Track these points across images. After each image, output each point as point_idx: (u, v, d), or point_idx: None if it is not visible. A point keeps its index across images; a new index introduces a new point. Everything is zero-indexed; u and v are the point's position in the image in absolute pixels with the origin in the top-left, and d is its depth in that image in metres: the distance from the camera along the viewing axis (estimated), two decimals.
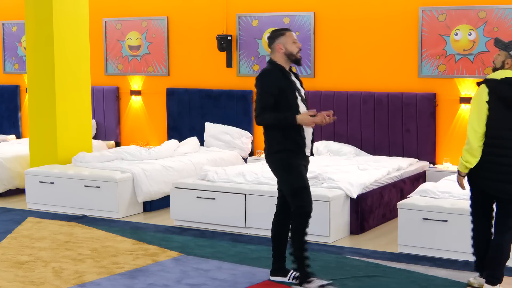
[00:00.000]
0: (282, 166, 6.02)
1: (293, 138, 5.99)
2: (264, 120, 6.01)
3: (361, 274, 6.39)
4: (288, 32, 6.14)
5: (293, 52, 6.10)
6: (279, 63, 6.10)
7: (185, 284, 6.18)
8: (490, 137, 5.66)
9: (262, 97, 5.99)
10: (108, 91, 11.82)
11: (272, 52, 6.17)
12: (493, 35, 9.19)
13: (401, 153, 9.76)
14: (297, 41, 6.16)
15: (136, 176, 8.95)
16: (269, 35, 6.21)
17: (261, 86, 6.03)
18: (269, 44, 6.20)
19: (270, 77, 6.03)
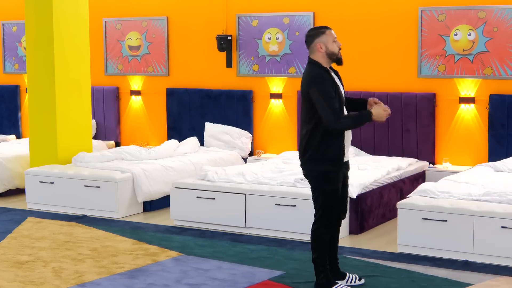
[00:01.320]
0: (320, 177, 5.82)
1: (335, 147, 5.78)
2: (343, 125, 5.73)
3: (360, 274, 6.36)
4: (328, 31, 5.86)
5: (334, 51, 5.84)
6: (320, 63, 5.85)
7: (185, 284, 6.18)
8: None
9: (328, 102, 5.67)
10: (108, 91, 11.84)
11: (311, 52, 5.89)
12: (493, 35, 9.23)
13: (400, 153, 9.79)
14: (336, 39, 5.90)
15: (136, 176, 8.96)
16: (308, 33, 5.94)
17: (321, 90, 5.70)
18: (307, 43, 5.91)
19: (326, 80, 5.76)
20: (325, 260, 5.90)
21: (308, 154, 5.84)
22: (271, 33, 10.59)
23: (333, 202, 5.84)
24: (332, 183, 5.81)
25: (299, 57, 10.40)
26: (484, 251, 6.82)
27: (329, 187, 5.81)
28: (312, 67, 5.86)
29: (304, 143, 5.87)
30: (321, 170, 5.80)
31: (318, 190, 5.87)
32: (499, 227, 6.74)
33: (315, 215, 5.92)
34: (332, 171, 5.80)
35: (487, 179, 7.94)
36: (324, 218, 5.85)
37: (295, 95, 10.48)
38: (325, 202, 5.83)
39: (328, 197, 5.82)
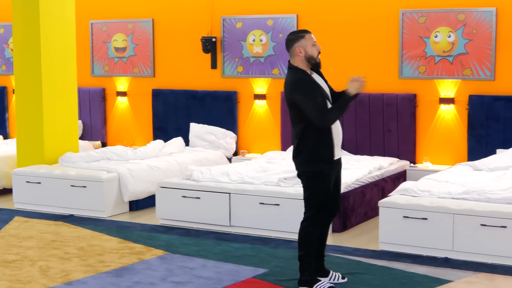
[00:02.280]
0: (313, 177, 5.84)
1: (326, 146, 5.81)
2: (332, 118, 5.76)
3: (343, 271, 6.39)
4: (308, 35, 5.85)
5: (313, 55, 5.83)
6: (300, 68, 5.86)
7: (170, 282, 6.20)
8: None
9: (311, 101, 5.72)
10: (94, 92, 11.87)
11: (291, 56, 5.88)
12: (472, 37, 9.33)
13: (382, 153, 9.85)
14: (316, 43, 5.89)
15: (122, 175, 8.99)
16: (288, 37, 5.91)
17: (302, 93, 5.74)
18: (287, 47, 5.89)
19: (306, 82, 5.79)
20: (311, 257, 5.93)
21: (301, 156, 5.87)
22: (255, 35, 10.66)
23: (325, 200, 5.87)
24: (325, 182, 5.85)
25: (282, 58, 10.46)
26: (463, 248, 6.87)
27: (322, 186, 5.84)
28: (292, 73, 5.88)
29: (295, 145, 5.90)
30: (314, 170, 5.83)
31: (310, 189, 5.88)
32: (478, 225, 6.79)
33: (306, 213, 5.94)
34: (325, 169, 5.83)
35: (466, 178, 7.98)
36: (315, 216, 5.88)
37: (279, 96, 10.54)
38: (317, 201, 5.86)
39: (320, 195, 5.85)
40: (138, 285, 6.13)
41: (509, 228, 6.68)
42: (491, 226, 6.75)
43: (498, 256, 6.75)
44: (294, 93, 5.78)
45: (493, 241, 6.76)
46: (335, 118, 5.83)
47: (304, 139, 5.83)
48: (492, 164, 8.64)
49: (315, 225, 5.90)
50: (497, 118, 9.25)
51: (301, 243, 5.92)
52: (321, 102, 5.78)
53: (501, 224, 6.72)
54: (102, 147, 11.06)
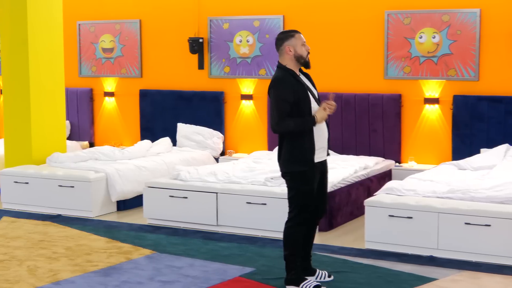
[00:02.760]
0: (296, 178, 5.88)
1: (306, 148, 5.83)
2: (284, 127, 5.78)
3: (329, 269, 6.40)
4: (297, 34, 5.91)
5: (302, 55, 5.88)
6: (288, 67, 5.90)
7: (158, 281, 6.21)
8: None
9: (278, 105, 5.77)
10: (82, 93, 11.89)
11: (280, 55, 5.94)
12: (456, 38, 9.40)
13: (368, 152, 9.90)
14: (305, 43, 5.95)
15: (110, 175, 9.00)
16: (278, 36, 5.97)
17: (276, 93, 5.79)
18: (277, 46, 5.95)
19: (285, 84, 5.79)
20: (296, 257, 5.95)
21: (283, 156, 5.91)
22: (242, 35, 10.70)
23: (308, 201, 5.90)
24: (308, 183, 5.87)
25: (269, 59, 10.51)
26: (448, 246, 6.92)
27: (305, 186, 5.86)
28: (279, 71, 5.93)
29: (279, 145, 5.95)
30: (297, 171, 5.86)
31: (294, 190, 5.91)
32: (463, 224, 6.84)
33: (290, 213, 5.96)
34: (307, 170, 5.86)
35: (451, 177, 8.03)
36: (298, 216, 5.91)
37: (265, 96, 10.54)
38: (300, 201, 5.89)
39: (303, 196, 5.87)
40: (125, 285, 6.14)
41: (493, 227, 6.74)
42: (475, 224, 6.80)
43: (482, 254, 6.80)
44: (271, 90, 5.86)
45: (477, 239, 6.81)
46: (288, 131, 5.82)
47: (286, 139, 5.88)
48: (476, 163, 8.71)
49: (299, 225, 5.93)
50: (481, 118, 9.32)
51: (286, 243, 5.95)
52: (287, 109, 5.79)
53: (485, 222, 6.77)
54: (90, 147, 11.08)
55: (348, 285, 6.14)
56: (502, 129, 9.24)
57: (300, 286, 5.92)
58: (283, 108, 5.77)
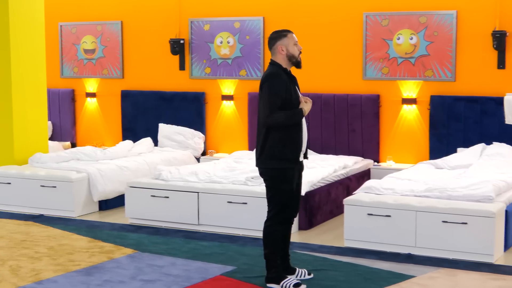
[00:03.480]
0: (276, 176, 5.90)
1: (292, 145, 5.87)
2: (275, 119, 5.80)
3: (309, 268, 6.44)
4: (290, 34, 5.96)
5: (294, 54, 5.94)
6: (281, 65, 5.94)
7: (139, 280, 6.21)
8: None
9: (270, 98, 5.80)
10: (64, 94, 11.89)
11: (273, 54, 5.97)
12: (433, 39, 9.50)
13: (347, 152, 9.95)
14: (298, 43, 6.00)
15: (92, 176, 9.00)
16: (271, 35, 6.00)
17: (269, 87, 5.82)
18: (269, 45, 5.99)
19: (279, 79, 5.84)
20: (276, 255, 5.99)
21: (266, 152, 5.89)
22: (222, 37, 10.75)
23: (288, 200, 5.93)
24: (288, 182, 5.91)
25: (249, 60, 10.57)
26: (426, 244, 6.98)
27: (285, 186, 5.89)
28: (271, 67, 5.97)
29: (261, 141, 5.92)
30: (278, 168, 5.88)
31: (274, 189, 5.93)
32: (440, 222, 6.91)
33: (269, 212, 5.98)
34: (289, 168, 5.90)
35: (428, 176, 8.09)
36: (278, 215, 5.93)
37: (246, 96, 10.65)
38: (280, 200, 5.92)
39: (283, 195, 5.90)
40: (108, 284, 6.13)
41: (469, 225, 6.81)
42: (452, 222, 6.88)
43: (459, 252, 6.88)
44: (264, 83, 5.87)
45: (454, 237, 6.88)
46: (279, 123, 5.85)
47: (271, 135, 5.88)
48: (453, 162, 8.80)
49: (278, 224, 5.98)
50: (458, 118, 9.43)
51: (266, 242, 5.99)
52: (279, 103, 5.84)
53: (462, 220, 6.85)
54: (72, 148, 11.07)
55: (328, 282, 6.16)
56: (478, 129, 9.35)
57: (281, 284, 5.96)
58: (274, 102, 5.82)
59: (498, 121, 9.18)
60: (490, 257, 6.80)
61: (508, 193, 7.49)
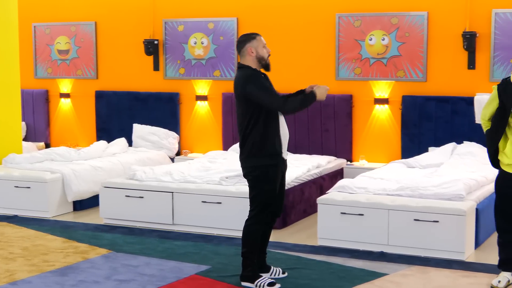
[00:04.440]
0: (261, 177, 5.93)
1: (272, 141, 5.91)
2: (293, 104, 5.89)
3: (283, 266, 6.47)
4: (258, 37, 6.02)
5: (264, 56, 5.97)
6: (250, 66, 5.97)
7: (114, 280, 6.21)
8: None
9: (267, 92, 5.86)
10: (38, 94, 11.85)
11: (242, 56, 6.00)
12: (405, 40, 9.58)
13: (320, 152, 10.01)
14: (266, 45, 6.04)
15: (66, 176, 8.98)
16: (239, 39, 6.05)
17: (256, 85, 5.86)
18: (238, 48, 6.02)
19: (260, 78, 5.93)
20: (254, 254, 6.04)
21: (247, 151, 5.93)
22: (196, 37, 10.77)
23: (271, 200, 5.96)
24: (272, 182, 5.95)
25: (223, 61, 10.60)
26: (398, 242, 7.05)
27: (268, 186, 5.93)
28: (244, 70, 6.00)
29: (243, 142, 5.96)
30: (261, 165, 5.90)
31: (257, 189, 5.96)
32: (412, 220, 6.98)
33: (251, 211, 6.02)
34: (272, 165, 5.92)
35: (400, 175, 8.16)
36: (260, 215, 5.97)
37: (220, 97, 10.68)
38: (263, 200, 5.95)
39: (266, 195, 5.93)
40: (82, 284, 6.14)
41: (441, 223, 6.90)
42: (424, 221, 6.95)
43: (431, 250, 6.96)
44: (248, 85, 5.88)
45: (426, 235, 6.96)
46: (296, 107, 5.97)
47: (251, 135, 5.92)
48: (425, 161, 8.88)
49: (260, 224, 6.02)
50: (429, 118, 9.52)
51: (245, 241, 6.03)
52: (276, 92, 5.94)
53: (433, 219, 6.93)
54: (46, 148, 11.03)
55: (302, 281, 6.21)
56: (449, 128, 9.46)
57: (255, 283, 6.00)
58: (273, 92, 5.91)
59: (469, 121, 9.27)
60: (461, 254, 6.88)
61: (478, 191, 7.58)
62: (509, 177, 5.91)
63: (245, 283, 6.08)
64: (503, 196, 6.00)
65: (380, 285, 6.14)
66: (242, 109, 5.98)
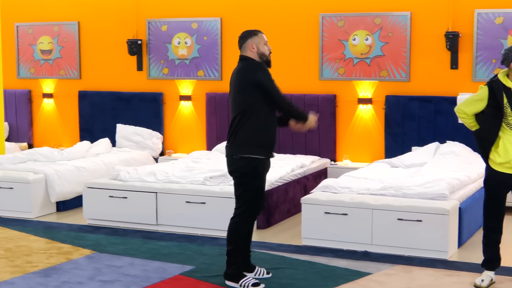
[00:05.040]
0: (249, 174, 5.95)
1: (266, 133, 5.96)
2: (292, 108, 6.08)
3: (267, 266, 6.49)
4: (260, 34, 6.04)
5: (265, 53, 6.00)
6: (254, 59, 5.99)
7: (98, 281, 6.21)
8: None
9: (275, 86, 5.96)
10: (21, 94, 11.80)
11: (243, 52, 6.02)
12: (388, 40, 9.62)
13: (304, 151, 10.03)
14: (267, 43, 6.06)
15: (49, 176, 8.96)
16: (242, 34, 6.06)
17: (267, 76, 5.94)
18: (240, 43, 6.03)
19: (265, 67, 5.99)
20: (239, 252, 6.06)
21: (242, 140, 5.91)
22: (180, 37, 10.76)
23: (257, 197, 6.00)
24: (258, 178, 5.98)
25: (207, 60, 10.60)
26: (382, 242, 7.08)
27: (256, 183, 5.96)
28: (249, 61, 6.01)
29: (236, 131, 5.94)
30: (250, 159, 5.89)
31: (245, 186, 5.98)
32: (396, 219, 7.02)
33: (237, 209, 6.04)
34: (260, 161, 5.93)
35: (384, 175, 8.18)
36: (247, 212, 6.00)
37: (204, 97, 10.66)
38: (250, 197, 5.98)
39: (253, 192, 5.97)
40: (66, 285, 6.13)
41: (424, 222, 6.93)
42: (407, 220, 6.99)
43: (414, 249, 7.00)
44: (259, 72, 5.93)
45: (410, 234, 6.99)
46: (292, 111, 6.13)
47: (245, 125, 5.91)
48: (408, 161, 8.93)
49: (246, 221, 6.04)
50: (412, 117, 9.56)
51: (231, 238, 6.04)
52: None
53: (416, 218, 6.96)
54: (29, 149, 11.00)
55: (286, 281, 6.23)
56: (432, 128, 9.49)
57: (239, 283, 6.02)
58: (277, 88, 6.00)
59: (452, 121, 9.32)
60: (445, 253, 6.92)
61: (461, 190, 7.62)
62: (500, 176, 5.94)
63: (229, 282, 6.09)
64: (492, 196, 6.02)
65: (364, 285, 6.17)
66: (242, 98, 5.95)
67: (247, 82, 5.91)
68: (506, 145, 5.85)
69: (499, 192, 5.99)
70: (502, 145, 5.86)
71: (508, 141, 5.85)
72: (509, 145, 5.84)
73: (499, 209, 6.02)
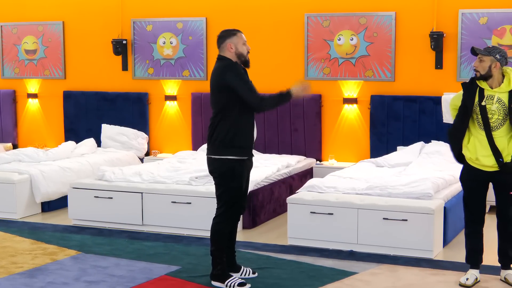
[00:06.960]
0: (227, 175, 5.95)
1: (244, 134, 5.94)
2: (268, 104, 6.00)
3: (253, 266, 6.51)
4: (239, 33, 6.04)
5: (243, 53, 6.00)
6: (231, 59, 5.99)
7: (83, 282, 6.20)
8: None
9: (247, 84, 5.89)
10: (5, 94, 11.76)
11: (221, 52, 6.02)
12: (373, 40, 9.66)
13: (289, 151, 10.05)
14: (246, 43, 6.07)
15: (34, 177, 8.93)
16: (220, 34, 6.05)
17: (236, 75, 5.90)
18: (218, 43, 6.03)
19: (239, 68, 5.95)
20: (223, 252, 6.06)
21: (217, 141, 5.92)
22: (165, 37, 10.76)
23: (237, 197, 6.01)
24: (237, 179, 5.97)
25: (192, 60, 10.60)
26: (367, 241, 7.11)
27: (234, 184, 5.96)
28: (224, 61, 6.01)
29: (212, 132, 5.96)
30: (228, 160, 5.90)
31: (223, 187, 5.99)
32: (381, 219, 7.05)
33: (218, 209, 6.06)
34: (238, 160, 5.93)
35: (369, 174, 8.22)
36: (227, 212, 6.01)
37: (189, 97, 10.67)
38: (229, 197, 5.99)
39: (232, 193, 5.98)
40: (51, 285, 6.12)
41: (409, 221, 6.96)
42: (392, 219, 7.02)
43: (399, 248, 7.03)
44: (228, 73, 5.90)
45: (395, 234, 7.02)
46: (270, 106, 6.08)
47: (222, 125, 5.92)
48: (393, 160, 8.97)
49: (227, 221, 6.05)
50: (397, 117, 9.60)
51: (213, 239, 6.05)
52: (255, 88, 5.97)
53: (402, 217, 6.99)
54: (13, 149, 10.95)
55: (272, 280, 6.24)
56: (416, 128, 9.54)
57: (225, 283, 6.02)
58: (253, 87, 5.93)
59: (436, 120, 9.37)
60: (430, 252, 6.96)
61: (446, 190, 7.66)
62: (473, 171, 6.08)
63: (215, 283, 6.10)
64: (468, 189, 6.17)
65: (350, 284, 6.19)
66: (216, 99, 5.98)
67: (217, 86, 5.96)
68: (475, 142, 6.03)
69: (471, 184, 6.13)
70: (472, 142, 6.05)
71: (477, 139, 6.02)
72: (477, 143, 6.01)
73: (475, 201, 6.15)
